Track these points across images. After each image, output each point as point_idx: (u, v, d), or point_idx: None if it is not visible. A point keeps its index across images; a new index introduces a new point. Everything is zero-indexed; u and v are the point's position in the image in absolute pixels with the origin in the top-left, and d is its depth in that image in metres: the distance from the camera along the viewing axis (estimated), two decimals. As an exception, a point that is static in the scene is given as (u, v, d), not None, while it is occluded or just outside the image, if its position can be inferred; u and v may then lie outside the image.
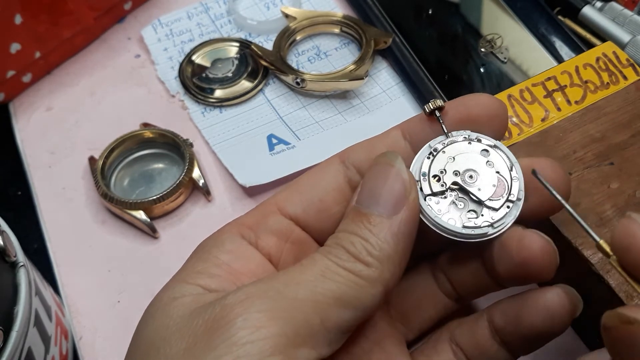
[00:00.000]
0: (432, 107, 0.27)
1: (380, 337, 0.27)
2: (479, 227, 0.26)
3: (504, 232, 0.26)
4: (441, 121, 0.27)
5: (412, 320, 0.29)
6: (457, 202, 0.26)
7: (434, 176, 0.26)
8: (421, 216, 0.26)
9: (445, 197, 0.26)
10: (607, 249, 0.22)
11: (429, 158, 0.27)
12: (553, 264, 0.25)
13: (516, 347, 0.27)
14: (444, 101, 0.27)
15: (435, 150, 0.27)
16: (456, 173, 0.26)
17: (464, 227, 0.26)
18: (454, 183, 0.26)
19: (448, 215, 0.26)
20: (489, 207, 0.26)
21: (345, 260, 0.23)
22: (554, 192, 0.25)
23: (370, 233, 0.24)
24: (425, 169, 0.26)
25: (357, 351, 0.26)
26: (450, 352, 0.27)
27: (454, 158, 0.26)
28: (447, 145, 0.27)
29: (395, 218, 0.24)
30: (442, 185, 0.26)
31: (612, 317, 0.21)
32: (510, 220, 0.26)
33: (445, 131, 0.27)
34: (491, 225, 0.26)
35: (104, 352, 0.38)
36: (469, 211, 0.26)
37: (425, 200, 0.26)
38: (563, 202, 0.25)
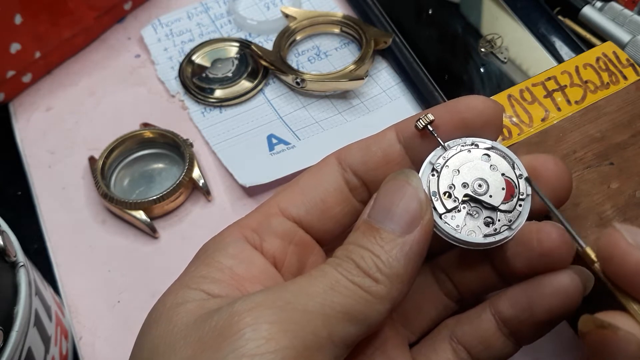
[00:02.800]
0: (423, 124, 0.26)
1: (382, 341, 0.26)
2: (499, 232, 0.26)
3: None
4: (435, 134, 0.27)
5: (414, 322, 0.29)
6: (471, 212, 0.26)
7: (445, 193, 0.26)
8: (440, 234, 0.26)
9: (459, 211, 0.26)
10: (593, 256, 0.23)
11: (433, 175, 0.26)
12: (571, 251, 0.25)
13: (524, 335, 0.27)
14: (443, 100, 0.27)
15: (437, 166, 0.26)
16: (465, 185, 0.26)
17: (485, 236, 0.26)
18: (466, 195, 0.26)
19: (466, 228, 0.26)
20: (503, 211, 0.26)
21: (355, 274, 0.23)
22: (546, 200, 0.25)
23: (382, 249, 0.24)
24: (434, 187, 0.26)
25: (359, 356, 0.26)
26: (449, 350, 0.27)
27: (458, 170, 0.26)
28: (448, 159, 0.27)
29: (408, 237, 0.24)
30: (454, 201, 0.26)
31: (587, 322, 0.22)
32: (524, 217, 0.26)
33: (442, 143, 0.27)
34: (509, 227, 0.26)
35: (104, 352, 0.38)
36: (485, 218, 0.26)
37: (441, 218, 0.26)
38: (554, 209, 0.25)
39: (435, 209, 0.26)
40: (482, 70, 0.46)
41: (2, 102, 0.49)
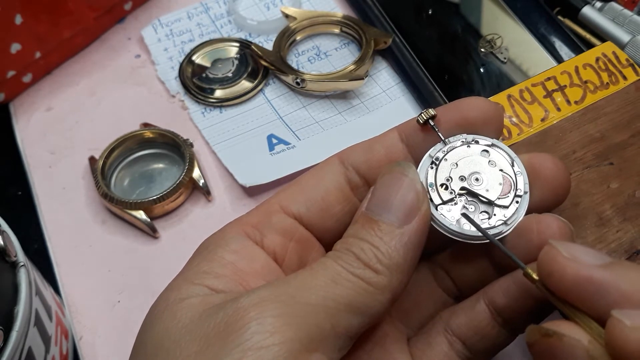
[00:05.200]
0: (425, 118, 0.27)
1: (381, 336, 0.27)
2: (494, 227, 0.26)
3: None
4: (436, 129, 0.27)
5: (412, 318, 0.29)
6: (467, 206, 0.26)
7: (442, 185, 0.26)
8: (436, 226, 0.26)
9: (455, 204, 0.26)
10: (534, 275, 0.23)
11: (432, 168, 0.27)
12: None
13: (519, 324, 0.27)
14: (446, 102, 0.27)
15: (436, 159, 0.27)
16: (462, 178, 0.27)
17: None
18: (462, 188, 0.26)
19: (462, 221, 0.26)
20: (499, 206, 0.26)
21: (355, 266, 0.23)
22: (487, 233, 0.26)
23: (381, 240, 0.24)
24: (431, 179, 0.27)
25: (359, 352, 0.26)
26: (445, 343, 0.27)
27: (456, 164, 0.27)
28: (448, 152, 0.27)
29: (406, 228, 0.24)
30: (450, 193, 0.26)
31: (533, 332, 0.22)
32: (521, 214, 0.26)
33: (442, 138, 0.27)
34: (505, 222, 0.26)
35: (104, 352, 0.38)
36: (481, 212, 0.26)
37: (437, 209, 0.26)
38: (495, 240, 0.25)
39: (431, 200, 0.26)
40: (482, 70, 0.46)
41: (3, 102, 0.49)
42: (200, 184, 0.43)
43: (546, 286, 0.23)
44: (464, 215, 0.26)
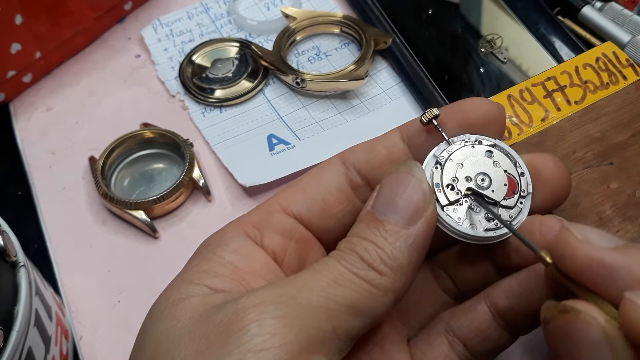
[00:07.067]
0: (428, 117, 0.27)
1: (381, 337, 0.27)
2: (500, 227, 0.26)
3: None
4: (440, 129, 0.27)
5: (412, 319, 0.29)
6: (473, 207, 0.26)
7: (448, 185, 0.26)
8: (442, 227, 0.26)
9: (461, 204, 0.26)
10: (547, 258, 0.23)
11: (437, 168, 0.27)
12: None
13: (520, 326, 0.27)
14: (446, 102, 0.27)
15: (441, 159, 0.27)
16: (468, 179, 0.26)
17: (486, 230, 0.26)
18: (468, 189, 0.26)
19: (467, 221, 0.26)
20: (504, 207, 0.26)
21: (359, 267, 0.23)
22: (505, 222, 0.26)
23: (386, 241, 0.24)
24: (437, 179, 0.26)
25: (358, 352, 0.26)
26: (445, 344, 0.27)
27: (462, 164, 0.27)
28: (452, 152, 0.27)
29: (412, 229, 0.24)
30: (457, 194, 0.26)
31: (549, 308, 0.22)
32: (525, 215, 0.26)
33: (446, 138, 0.27)
34: (509, 223, 0.26)
35: (104, 352, 0.38)
36: (486, 213, 0.26)
37: (443, 210, 0.26)
38: (507, 224, 0.25)
39: (437, 200, 0.26)
40: (482, 70, 0.46)
41: (3, 102, 0.49)
42: (200, 184, 0.43)
43: (559, 269, 0.23)
44: (489, 210, 0.26)
